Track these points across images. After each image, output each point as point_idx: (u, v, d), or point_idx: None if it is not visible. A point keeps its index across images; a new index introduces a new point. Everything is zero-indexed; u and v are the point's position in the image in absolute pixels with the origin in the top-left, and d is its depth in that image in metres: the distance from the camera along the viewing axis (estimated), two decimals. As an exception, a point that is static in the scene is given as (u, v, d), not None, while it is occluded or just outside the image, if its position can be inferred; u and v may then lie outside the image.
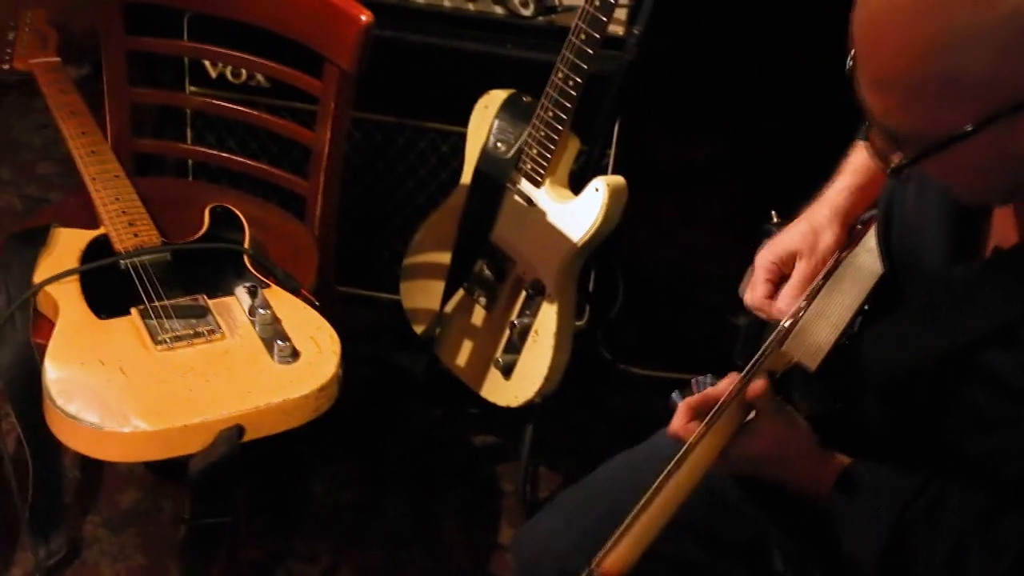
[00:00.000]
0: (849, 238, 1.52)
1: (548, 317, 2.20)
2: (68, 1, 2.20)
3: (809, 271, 1.50)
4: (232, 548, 2.04)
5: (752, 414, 1.38)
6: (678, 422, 1.42)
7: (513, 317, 2.26)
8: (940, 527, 1.26)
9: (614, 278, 2.62)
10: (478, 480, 2.48)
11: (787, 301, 1.48)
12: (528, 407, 2.30)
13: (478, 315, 2.34)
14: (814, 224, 1.52)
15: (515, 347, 2.26)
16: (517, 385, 2.27)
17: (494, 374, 2.31)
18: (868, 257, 1.44)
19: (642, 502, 1.34)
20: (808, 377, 1.36)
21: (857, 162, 1.55)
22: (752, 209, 1.66)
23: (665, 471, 1.35)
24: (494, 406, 2.33)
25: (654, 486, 1.34)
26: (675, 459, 1.35)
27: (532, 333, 2.23)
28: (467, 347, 2.37)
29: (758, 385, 1.36)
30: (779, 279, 1.51)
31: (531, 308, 2.23)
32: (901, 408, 1.35)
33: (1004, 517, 1.25)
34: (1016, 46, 1.04)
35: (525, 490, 2.40)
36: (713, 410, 1.38)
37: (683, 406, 1.43)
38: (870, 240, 1.47)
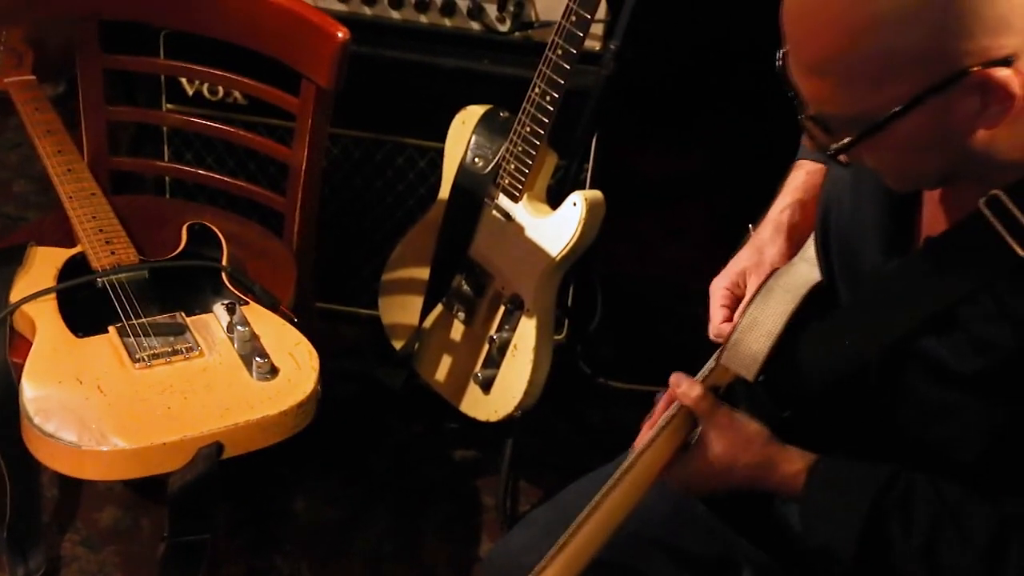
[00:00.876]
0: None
1: (527, 331, 2.20)
2: (44, 19, 2.20)
3: (752, 275, 1.51)
4: (213, 565, 2.03)
5: (699, 428, 1.38)
6: (638, 440, 1.42)
7: (492, 332, 2.27)
8: (914, 514, 1.26)
9: (593, 292, 2.62)
10: (459, 495, 2.47)
11: (737, 317, 1.50)
12: (508, 422, 2.30)
13: (457, 330, 2.34)
14: (758, 243, 1.53)
15: (494, 362, 2.26)
16: (496, 400, 2.27)
17: (473, 389, 2.31)
18: (804, 266, 1.45)
19: (578, 520, 1.34)
20: (750, 388, 1.37)
21: (797, 180, 1.56)
22: (733, 222, 1.67)
23: (603, 489, 1.35)
24: (474, 421, 2.33)
25: (591, 504, 1.34)
26: (614, 476, 1.36)
27: (511, 348, 2.23)
28: (446, 362, 2.37)
29: (691, 393, 1.36)
30: (735, 303, 1.51)
31: (510, 323, 2.23)
32: (849, 408, 1.35)
33: (970, 503, 1.25)
34: (945, 20, 1.05)
35: (505, 504, 2.41)
36: (655, 428, 1.38)
37: (647, 425, 1.44)
38: (808, 250, 1.48)
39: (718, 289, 1.52)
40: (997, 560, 1.22)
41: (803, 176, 1.56)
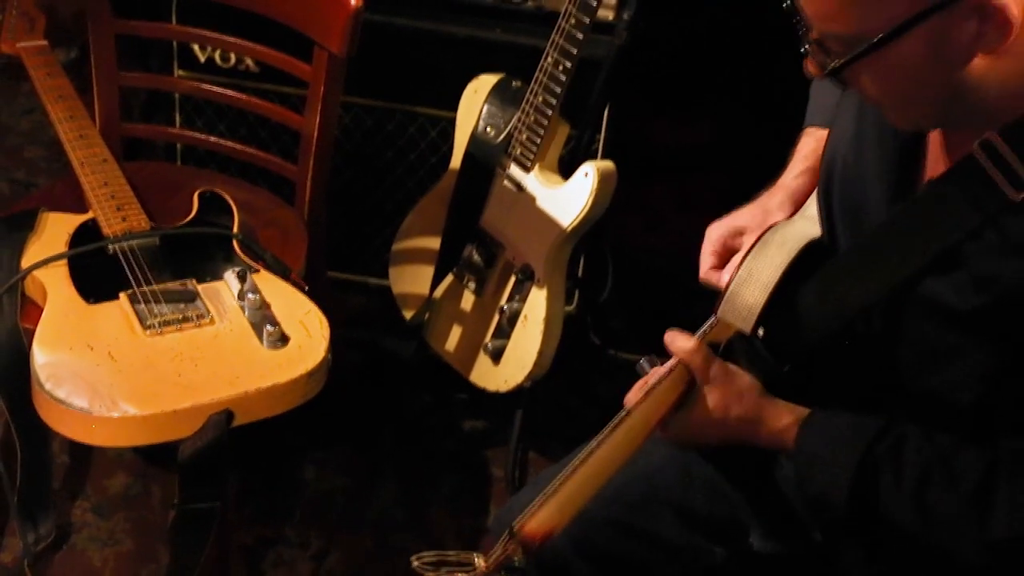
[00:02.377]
0: None
1: (537, 302, 2.20)
2: (56, -16, 2.19)
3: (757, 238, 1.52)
4: (222, 533, 2.03)
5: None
6: (631, 396, 1.43)
7: (502, 302, 2.27)
8: (905, 461, 1.28)
9: (604, 263, 2.62)
10: (468, 465, 2.48)
11: (732, 271, 1.50)
12: (517, 392, 2.30)
13: (467, 300, 2.34)
14: (766, 206, 1.55)
15: (504, 332, 2.26)
16: (506, 370, 2.27)
17: (483, 359, 2.31)
18: (804, 223, 1.45)
19: (571, 467, 1.34)
20: (750, 344, 1.37)
21: (807, 147, 1.57)
22: (744, 195, 1.67)
23: (598, 437, 1.35)
24: (483, 391, 2.33)
25: (583, 452, 1.35)
26: (610, 425, 1.36)
27: (521, 318, 2.23)
28: (456, 332, 2.37)
29: (685, 345, 1.37)
30: (725, 253, 1.52)
31: (520, 293, 2.23)
32: (849, 358, 1.36)
33: (961, 449, 1.26)
34: None
35: (514, 475, 2.41)
36: (653, 380, 1.39)
37: (639, 383, 1.44)
38: (809, 208, 1.48)
39: (711, 235, 1.53)
40: (986, 502, 1.23)
41: (813, 143, 1.56)
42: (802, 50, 1.20)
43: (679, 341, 1.39)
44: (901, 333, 1.28)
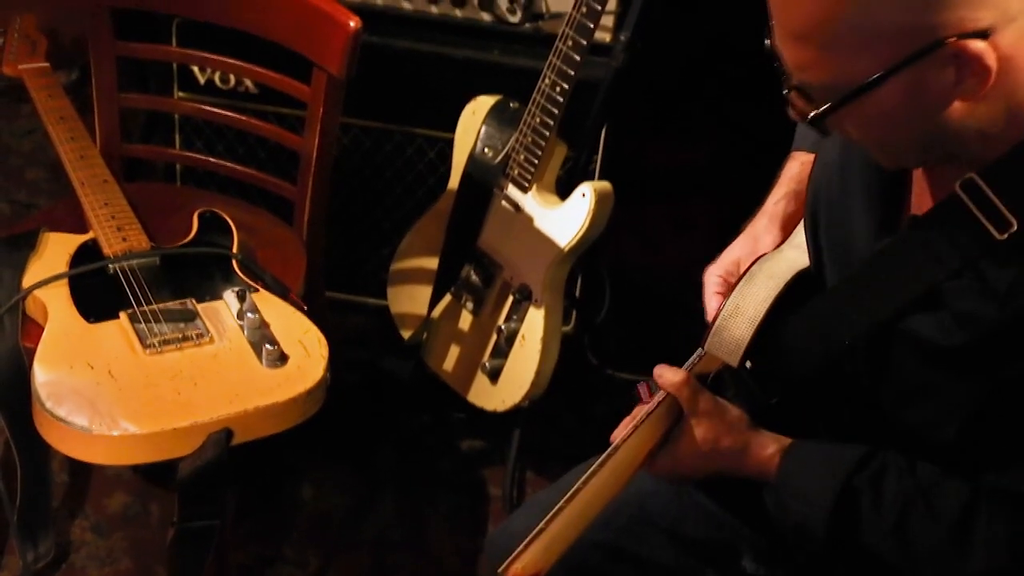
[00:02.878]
0: None
1: (535, 322, 2.21)
2: (58, 7, 2.21)
3: (745, 262, 1.52)
4: (221, 552, 2.04)
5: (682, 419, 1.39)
6: (619, 431, 1.43)
7: (500, 322, 2.28)
8: (885, 491, 1.28)
9: (601, 283, 2.62)
10: (465, 484, 2.48)
11: (711, 286, 1.52)
12: (515, 412, 2.31)
13: (465, 320, 2.35)
14: (754, 232, 1.55)
15: (502, 352, 2.27)
16: (504, 390, 2.28)
17: (481, 379, 2.32)
18: (792, 253, 1.46)
19: (559, 506, 1.35)
20: (737, 376, 1.38)
21: (792, 171, 1.58)
22: (740, 216, 1.68)
23: (585, 475, 1.36)
24: (481, 411, 2.34)
25: (572, 489, 1.35)
26: (597, 462, 1.37)
27: (519, 338, 2.24)
28: (454, 352, 2.38)
29: (673, 378, 1.38)
30: (729, 291, 1.53)
31: (518, 313, 2.24)
32: (835, 391, 1.37)
33: (941, 481, 1.27)
34: None
35: (512, 494, 2.41)
36: (640, 415, 1.40)
37: (627, 419, 1.45)
38: (796, 237, 1.49)
39: (712, 277, 1.53)
40: (966, 533, 1.24)
41: (797, 167, 1.57)
42: (784, 93, 1.21)
43: (667, 374, 1.39)
44: (885, 368, 1.29)
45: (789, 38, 1.15)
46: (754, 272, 1.42)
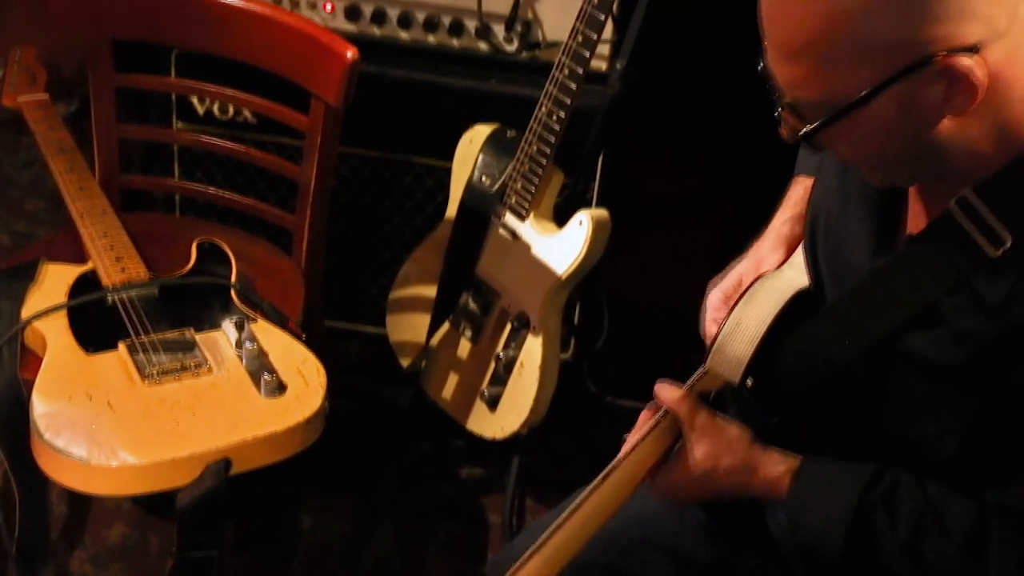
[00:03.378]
0: None
1: (533, 349, 2.21)
2: (57, 39, 2.22)
3: (749, 280, 1.53)
4: (220, 582, 2.04)
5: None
6: (623, 449, 1.43)
7: (498, 350, 2.28)
8: (898, 509, 1.28)
9: (599, 310, 2.63)
10: (465, 512, 2.48)
11: (713, 302, 1.53)
12: (514, 439, 2.31)
13: (464, 348, 2.35)
14: (759, 252, 1.57)
15: (501, 379, 2.27)
16: (503, 417, 2.28)
17: (480, 407, 2.32)
18: (792, 272, 1.47)
19: (558, 521, 1.35)
20: (739, 394, 1.38)
21: (796, 194, 1.60)
22: (738, 244, 1.69)
23: (586, 491, 1.36)
24: (480, 438, 2.34)
25: (573, 504, 1.35)
26: (597, 479, 1.36)
27: (517, 365, 2.24)
28: (453, 380, 2.38)
29: (672, 395, 1.38)
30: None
31: (516, 341, 2.24)
32: (835, 409, 1.37)
33: (951, 499, 1.27)
34: (910, 7, 1.09)
35: (511, 522, 2.41)
36: (642, 431, 1.40)
37: (631, 436, 1.45)
38: (797, 256, 1.50)
39: (713, 300, 1.54)
40: (978, 551, 1.24)
41: (801, 191, 1.59)
42: (775, 114, 1.22)
43: (666, 391, 1.40)
44: (885, 385, 1.30)
45: (781, 57, 1.16)
46: (755, 290, 1.43)
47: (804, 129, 1.19)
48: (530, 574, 1.34)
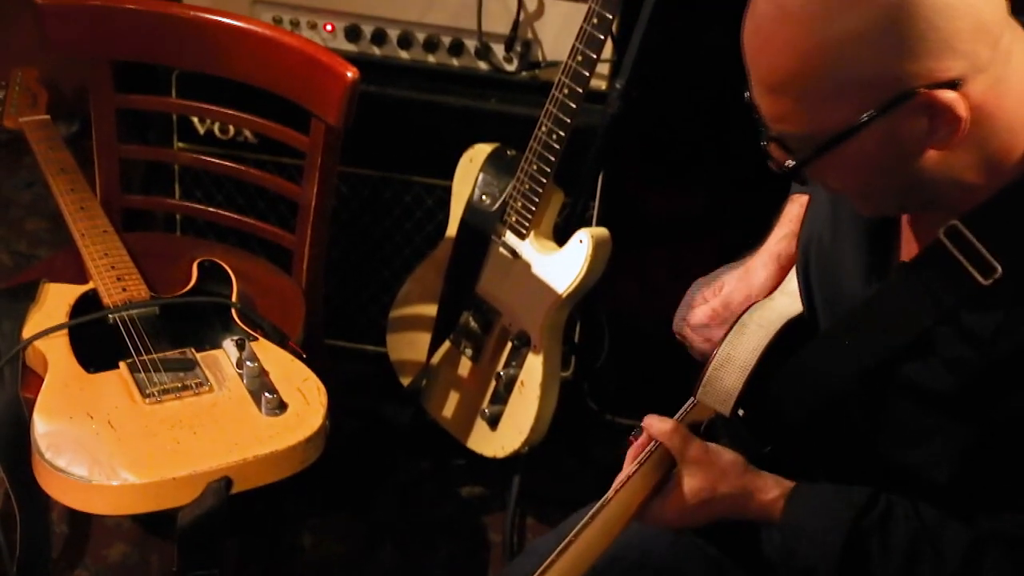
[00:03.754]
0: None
1: (534, 368, 2.21)
2: (58, 60, 2.23)
3: (735, 296, 1.55)
4: (220, 601, 2.04)
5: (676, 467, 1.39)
6: (615, 483, 1.43)
7: (499, 368, 2.28)
8: (892, 533, 1.29)
9: (600, 329, 2.63)
10: (465, 531, 2.48)
11: (698, 316, 1.56)
12: (514, 458, 2.31)
13: (464, 366, 2.35)
14: (749, 266, 1.58)
15: (501, 398, 2.28)
16: (503, 436, 2.28)
17: (480, 425, 2.32)
18: (784, 300, 1.47)
19: (550, 559, 1.34)
20: (731, 424, 1.39)
21: (793, 212, 1.60)
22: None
23: (578, 526, 1.35)
24: (481, 457, 2.34)
25: (564, 541, 1.35)
26: (589, 514, 1.37)
27: (518, 384, 2.24)
28: (453, 398, 2.38)
29: (664, 428, 1.38)
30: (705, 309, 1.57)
31: (517, 359, 2.24)
32: (829, 437, 1.38)
33: (946, 524, 1.28)
34: (891, 43, 1.09)
35: (512, 541, 2.41)
36: (633, 465, 1.40)
37: (629, 456, 1.45)
38: (789, 283, 1.50)
39: (702, 310, 1.57)
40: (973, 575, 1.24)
41: (797, 209, 1.59)
42: (762, 144, 1.23)
43: (656, 424, 1.40)
44: (879, 413, 1.30)
45: (765, 90, 1.17)
46: (745, 321, 1.43)
47: (788, 163, 1.20)
48: None
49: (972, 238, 1.18)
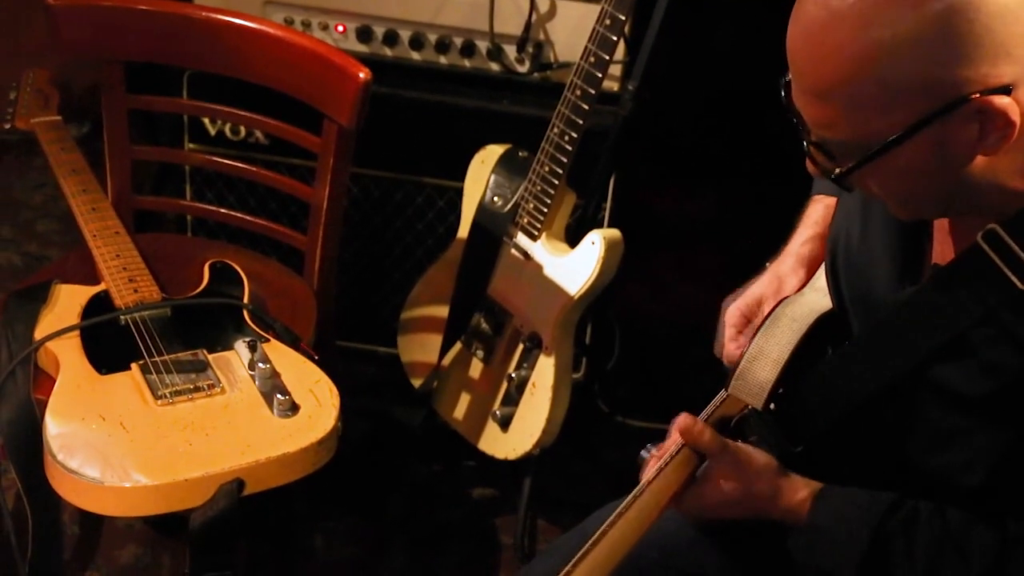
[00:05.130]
0: None
1: (545, 370, 2.21)
2: (70, 61, 2.23)
3: (767, 297, 1.53)
4: (232, 603, 2.04)
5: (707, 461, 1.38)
6: (646, 476, 1.42)
7: (510, 370, 2.28)
8: (916, 538, 1.28)
9: (611, 331, 2.63)
10: (477, 533, 2.47)
11: (731, 318, 1.53)
12: (526, 460, 2.31)
13: (475, 368, 2.35)
14: (779, 272, 1.56)
15: (512, 400, 2.27)
16: (515, 438, 2.28)
17: (492, 427, 2.32)
18: (814, 296, 1.46)
19: (584, 550, 1.34)
20: (763, 421, 1.38)
21: (816, 214, 1.59)
22: (749, 266, 1.69)
23: (610, 518, 1.35)
24: (492, 459, 2.34)
25: (598, 532, 1.34)
26: (623, 505, 1.36)
27: (529, 386, 2.24)
28: (465, 400, 2.38)
29: (702, 437, 1.37)
30: (746, 327, 1.53)
31: (528, 361, 2.24)
32: (860, 438, 1.37)
33: (972, 528, 1.27)
34: (945, 49, 1.07)
35: (523, 543, 2.40)
36: (665, 457, 1.39)
37: (652, 460, 1.44)
38: (819, 280, 1.49)
39: (732, 314, 1.54)
40: None
41: (821, 210, 1.58)
42: (804, 146, 1.20)
43: (688, 422, 1.38)
44: (911, 416, 1.29)
45: (811, 95, 1.15)
46: (777, 315, 1.42)
47: (835, 171, 1.18)
48: None
49: (1010, 242, 1.17)
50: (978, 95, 1.09)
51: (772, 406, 1.37)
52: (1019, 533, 1.25)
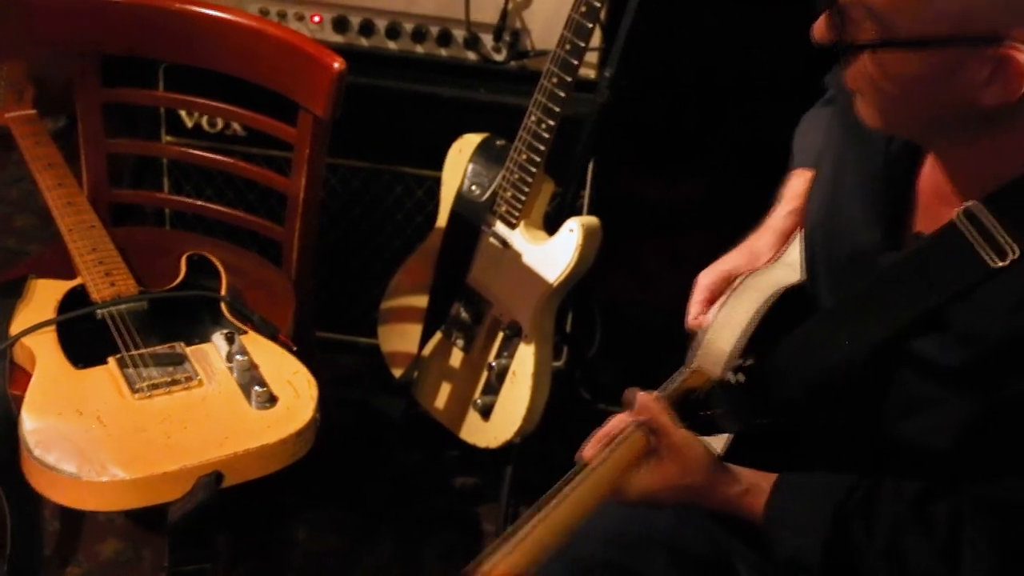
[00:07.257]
0: None
1: (525, 358, 2.21)
2: (45, 54, 2.22)
3: (739, 268, 1.54)
4: (214, 596, 2.04)
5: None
6: (588, 450, 1.42)
7: (491, 359, 2.28)
8: (876, 515, 1.29)
9: (592, 318, 2.63)
10: (459, 522, 2.48)
11: (701, 288, 1.53)
12: (507, 448, 2.31)
13: (456, 357, 2.35)
14: (754, 246, 1.56)
15: (493, 388, 2.27)
16: (496, 426, 2.28)
17: (473, 416, 2.32)
18: (781, 270, 1.46)
19: (529, 524, 1.32)
20: (730, 393, 1.38)
21: (797, 188, 1.59)
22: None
23: (556, 496, 1.34)
24: (474, 448, 2.34)
25: (540, 513, 1.33)
26: (569, 483, 1.35)
27: (510, 374, 2.24)
28: (445, 389, 2.38)
29: (643, 400, 1.37)
30: (716, 299, 1.53)
31: (508, 349, 2.24)
32: (830, 407, 1.37)
33: (935, 498, 1.28)
34: None
35: (506, 531, 2.40)
36: (617, 433, 1.39)
37: (597, 434, 1.44)
38: (789, 255, 1.49)
39: (702, 283, 1.54)
40: (955, 552, 1.25)
41: (801, 183, 1.58)
42: (822, 5, 1.19)
43: (644, 398, 1.39)
44: (885, 385, 1.30)
45: None
46: (741, 288, 1.43)
47: (845, 39, 1.17)
48: (507, 566, 1.32)
49: (988, 220, 1.19)
50: (1009, 43, 1.10)
51: (742, 378, 1.38)
52: (975, 494, 1.25)
